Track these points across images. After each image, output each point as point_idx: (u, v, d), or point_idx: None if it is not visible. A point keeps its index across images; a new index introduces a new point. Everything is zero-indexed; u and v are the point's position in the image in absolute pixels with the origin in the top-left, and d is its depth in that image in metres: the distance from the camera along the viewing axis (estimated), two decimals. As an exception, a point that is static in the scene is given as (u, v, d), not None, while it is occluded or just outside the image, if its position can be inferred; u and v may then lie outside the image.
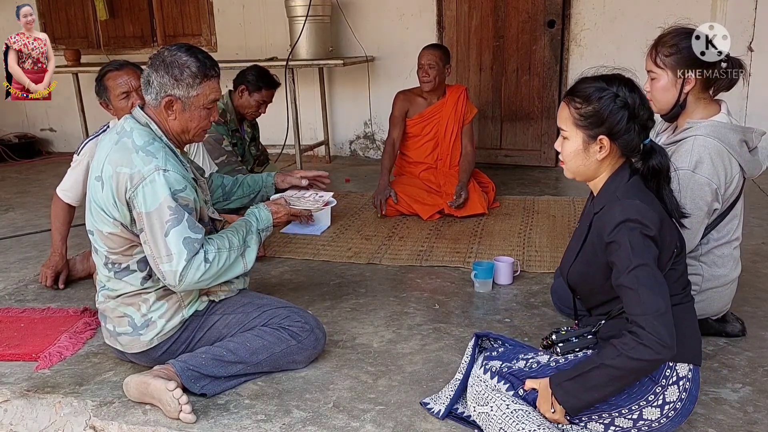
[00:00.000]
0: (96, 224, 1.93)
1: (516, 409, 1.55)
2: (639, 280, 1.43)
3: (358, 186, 4.54)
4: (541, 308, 2.49)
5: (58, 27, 5.86)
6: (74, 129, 5.81)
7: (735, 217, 2.08)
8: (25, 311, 2.57)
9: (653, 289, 1.43)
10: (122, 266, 1.93)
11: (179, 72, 1.87)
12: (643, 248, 1.46)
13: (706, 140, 1.96)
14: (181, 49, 1.90)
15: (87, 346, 2.27)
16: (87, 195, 1.99)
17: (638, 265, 1.44)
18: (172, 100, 1.89)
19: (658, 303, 1.41)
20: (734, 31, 4.26)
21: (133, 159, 1.83)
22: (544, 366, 1.62)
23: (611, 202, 1.55)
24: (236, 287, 2.09)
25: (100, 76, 2.70)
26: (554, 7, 4.71)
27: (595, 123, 1.56)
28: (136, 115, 1.94)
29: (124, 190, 1.82)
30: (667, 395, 1.54)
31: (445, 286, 2.74)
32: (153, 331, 1.95)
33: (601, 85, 1.57)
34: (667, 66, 2.00)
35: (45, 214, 4.05)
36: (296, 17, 4.73)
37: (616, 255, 1.49)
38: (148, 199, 1.79)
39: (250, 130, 3.70)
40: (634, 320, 1.42)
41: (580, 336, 1.63)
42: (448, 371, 2.03)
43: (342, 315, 2.47)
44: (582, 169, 1.64)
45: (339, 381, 1.99)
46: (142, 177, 1.80)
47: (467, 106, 3.84)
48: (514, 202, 3.97)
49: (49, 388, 2.00)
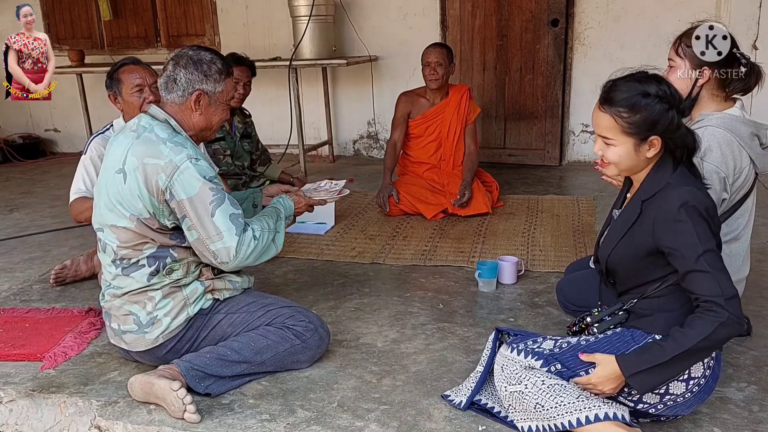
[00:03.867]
0: (109, 219, 1.92)
1: (552, 384, 1.60)
2: (713, 264, 1.50)
3: (361, 185, 4.54)
4: (545, 308, 2.49)
5: (61, 27, 5.87)
6: (78, 129, 5.82)
7: (745, 213, 2.08)
8: (29, 311, 2.58)
9: (726, 273, 1.51)
10: (131, 261, 1.93)
11: (207, 68, 1.94)
12: (708, 233, 1.53)
13: (715, 130, 1.99)
14: (200, 48, 1.98)
15: (92, 346, 2.28)
16: (97, 192, 2.00)
17: (707, 250, 1.51)
18: (201, 95, 1.94)
19: (732, 286, 1.50)
20: (739, 29, 4.28)
21: (161, 150, 1.85)
22: (575, 345, 1.67)
23: (666, 189, 1.59)
24: (241, 286, 2.09)
25: (114, 69, 2.70)
26: (558, 6, 4.69)
27: (647, 129, 1.58)
28: (154, 112, 1.95)
29: (154, 181, 1.83)
30: (692, 371, 1.59)
31: (449, 285, 2.74)
32: (158, 329, 1.96)
33: (642, 89, 1.57)
34: (686, 56, 2.05)
35: (50, 214, 4.07)
36: (300, 17, 4.73)
37: (680, 241, 1.53)
38: (187, 186, 1.83)
39: (242, 125, 3.67)
40: (713, 301, 1.48)
41: (612, 314, 1.71)
42: (452, 371, 2.03)
43: (346, 315, 2.47)
44: (632, 167, 1.67)
45: (343, 380, 1.99)
46: (176, 166, 1.83)
47: (470, 105, 3.84)
48: (518, 202, 3.96)
49: (54, 388, 2.00)
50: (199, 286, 1.99)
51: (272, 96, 5.20)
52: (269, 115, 5.28)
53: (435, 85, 3.77)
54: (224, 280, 2.05)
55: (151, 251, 1.92)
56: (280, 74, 5.01)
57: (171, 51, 5.98)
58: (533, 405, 1.60)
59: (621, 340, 1.65)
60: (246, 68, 3.51)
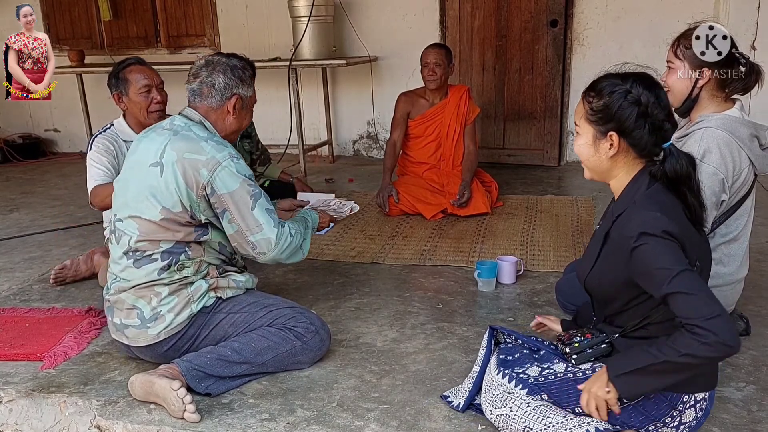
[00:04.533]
0: (134, 210, 1.96)
1: (537, 406, 1.55)
2: (690, 285, 1.39)
3: (361, 185, 4.55)
4: (544, 307, 2.49)
5: (62, 28, 5.87)
6: (78, 129, 5.82)
7: (744, 214, 2.08)
8: (29, 311, 2.58)
9: (706, 293, 1.39)
10: (145, 254, 1.96)
11: (242, 73, 2.05)
12: (676, 254, 1.42)
13: (715, 131, 1.98)
14: (229, 54, 2.10)
15: (92, 346, 2.28)
16: (122, 184, 2.04)
17: (682, 270, 1.40)
18: (238, 99, 2.04)
19: (715, 305, 1.38)
20: (737, 30, 4.28)
21: (203, 147, 1.93)
22: (562, 379, 1.61)
23: (630, 208, 1.51)
24: (244, 285, 2.10)
25: (120, 68, 2.70)
26: (557, 7, 4.70)
27: (604, 118, 1.54)
28: (189, 114, 2.04)
29: (194, 175, 1.90)
30: (684, 417, 1.56)
31: (449, 285, 2.74)
32: (161, 324, 1.97)
33: (616, 81, 1.55)
34: (685, 58, 2.04)
35: (50, 214, 4.08)
36: (299, 17, 4.74)
37: (649, 266, 1.43)
38: (228, 181, 1.92)
39: None
40: (694, 324, 1.36)
41: (594, 346, 1.62)
42: (452, 370, 2.03)
43: (346, 314, 2.47)
44: (594, 166, 1.61)
45: (343, 380, 2.00)
46: (218, 162, 1.92)
47: (470, 106, 3.84)
48: (517, 202, 3.97)
49: (54, 388, 2.00)
50: (203, 283, 2.01)
51: (272, 96, 5.20)
52: (269, 115, 5.27)
53: (434, 86, 3.77)
54: (228, 278, 2.06)
55: (167, 246, 1.96)
56: (280, 74, 5.01)
57: (171, 51, 5.96)
58: (522, 428, 1.55)
59: None
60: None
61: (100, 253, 2.86)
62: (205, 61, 2.05)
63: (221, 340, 2.02)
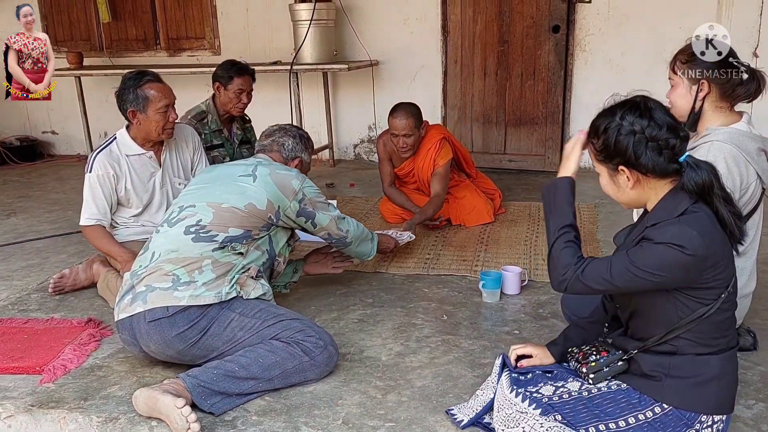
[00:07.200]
0: (216, 198, 2.18)
1: (550, 427, 1.52)
2: (621, 274, 1.51)
3: (362, 191, 4.52)
4: (550, 319, 2.47)
5: (60, 29, 5.82)
6: (76, 132, 5.78)
7: (751, 228, 2.06)
8: (28, 322, 2.54)
9: (614, 279, 1.51)
10: (209, 233, 2.11)
11: (307, 141, 2.56)
12: (672, 268, 1.45)
13: (722, 145, 1.96)
14: (298, 126, 2.64)
15: (91, 359, 2.24)
16: (213, 174, 2.34)
17: (633, 262, 1.49)
18: (301, 161, 2.51)
19: (604, 274, 1.52)
20: (739, 36, 4.27)
21: (289, 168, 2.40)
22: (576, 398, 1.59)
23: (671, 221, 1.49)
24: (269, 292, 2.18)
25: (138, 84, 2.65)
26: (559, 12, 4.68)
27: (609, 155, 1.56)
28: (262, 158, 2.45)
29: (288, 183, 2.28)
30: None
31: (453, 295, 2.72)
32: (189, 290, 1.99)
33: (607, 117, 1.56)
34: (683, 73, 2.03)
35: (47, 219, 4.04)
36: (300, 21, 4.70)
37: (638, 258, 1.49)
38: (312, 191, 2.37)
39: (241, 132, 3.65)
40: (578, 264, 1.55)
41: (611, 363, 1.61)
42: (458, 386, 2.01)
43: (349, 326, 2.44)
44: (625, 200, 1.62)
45: (348, 396, 1.97)
46: (303, 178, 2.36)
47: (441, 151, 3.54)
48: (520, 209, 3.95)
49: (54, 403, 1.97)
50: (236, 274, 2.09)
51: (272, 100, 5.16)
52: (269, 119, 5.16)
53: (408, 155, 3.55)
54: (258, 282, 2.16)
55: (234, 233, 2.13)
56: (281, 78, 4.98)
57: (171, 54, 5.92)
58: None
59: (627, 401, 1.57)
60: (249, 77, 3.48)
61: (99, 262, 2.83)
62: (282, 126, 2.55)
63: (228, 342, 2.00)
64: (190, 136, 3.02)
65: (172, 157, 2.92)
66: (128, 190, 2.78)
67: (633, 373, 1.62)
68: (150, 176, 2.84)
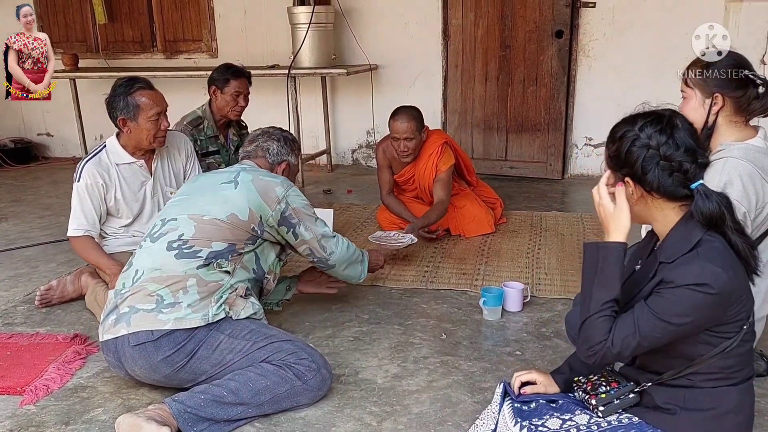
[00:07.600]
0: (198, 210, 2.08)
1: None
2: (647, 325, 1.39)
3: (360, 197, 4.44)
4: (553, 339, 2.38)
5: (56, 31, 5.72)
6: (71, 134, 5.69)
7: (764, 251, 1.97)
8: (12, 336, 2.45)
9: (640, 334, 1.40)
10: (192, 248, 2.01)
11: (293, 143, 2.44)
12: (696, 310, 1.36)
13: (738, 162, 1.88)
14: (281, 129, 2.47)
15: (75, 378, 2.16)
16: (195, 184, 2.25)
17: (657, 315, 1.38)
18: (288, 165, 2.40)
19: (632, 339, 1.41)
20: (747, 44, 4.19)
21: (274, 175, 2.27)
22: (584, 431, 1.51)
23: (688, 257, 1.40)
24: (260, 311, 2.08)
25: (128, 92, 2.57)
26: (562, 17, 4.59)
27: (618, 164, 1.48)
28: (248, 164, 2.34)
29: (271, 190, 2.17)
30: None
31: (452, 312, 2.63)
32: (174, 312, 1.90)
33: (627, 125, 1.48)
34: (696, 86, 1.97)
35: (39, 225, 3.95)
36: (299, 24, 4.61)
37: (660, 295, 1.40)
38: (297, 199, 2.24)
39: (237, 138, 3.57)
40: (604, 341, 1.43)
41: (622, 396, 1.53)
42: (457, 413, 1.92)
43: (344, 345, 2.36)
44: (636, 217, 1.53)
45: (341, 423, 1.88)
46: (289, 185, 2.26)
47: (443, 157, 3.46)
48: (521, 218, 3.86)
49: (34, 428, 1.89)
50: (223, 294, 1.99)
51: (270, 104, 5.07)
52: (266, 123, 5.09)
53: (408, 159, 3.45)
54: (248, 301, 2.05)
55: (218, 248, 2.03)
56: (279, 82, 4.89)
57: (167, 56, 5.84)
58: None
59: None
60: (245, 80, 3.40)
61: (88, 274, 2.74)
62: (264, 130, 2.43)
63: (217, 366, 1.91)
64: (182, 144, 2.94)
65: (164, 165, 2.83)
66: (118, 200, 2.70)
67: (645, 405, 1.53)
68: (141, 185, 2.75)
